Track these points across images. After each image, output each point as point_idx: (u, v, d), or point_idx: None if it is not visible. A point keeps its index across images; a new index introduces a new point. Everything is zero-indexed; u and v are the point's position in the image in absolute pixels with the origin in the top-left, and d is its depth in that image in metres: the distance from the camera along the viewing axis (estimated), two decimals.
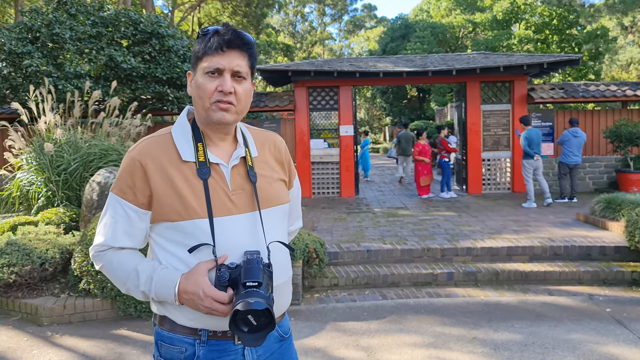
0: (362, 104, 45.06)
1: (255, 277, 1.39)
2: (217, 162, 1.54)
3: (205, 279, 1.43)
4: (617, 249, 6.53)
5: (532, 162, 9.89)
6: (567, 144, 10.25)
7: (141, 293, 1.51)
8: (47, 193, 7.56)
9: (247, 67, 1.52)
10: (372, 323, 4.99)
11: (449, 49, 30.66)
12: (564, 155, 10.33)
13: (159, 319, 1.57)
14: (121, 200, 1.51)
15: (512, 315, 5.08)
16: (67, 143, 7.66)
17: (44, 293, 5.31)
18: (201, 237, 1.47)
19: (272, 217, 1.59)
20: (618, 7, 14.05)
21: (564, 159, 10.34)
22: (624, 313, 5.07)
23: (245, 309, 1.32)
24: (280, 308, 1.62)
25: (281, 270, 1.58)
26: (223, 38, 1.48)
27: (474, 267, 6.36)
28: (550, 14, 25.15)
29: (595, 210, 8.00)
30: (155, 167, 1.50)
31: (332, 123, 12.35)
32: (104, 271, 1.57)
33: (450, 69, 11.48)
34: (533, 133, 9.82)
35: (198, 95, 1.51)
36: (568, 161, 10.32)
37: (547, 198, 10.02)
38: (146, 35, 10.99)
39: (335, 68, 11.66)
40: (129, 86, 10.90)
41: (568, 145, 10.25)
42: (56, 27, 9.99)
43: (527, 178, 10.00)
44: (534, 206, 9.81)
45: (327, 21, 55.27)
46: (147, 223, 1.54)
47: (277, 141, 1.73)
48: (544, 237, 7.04)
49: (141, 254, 1.58)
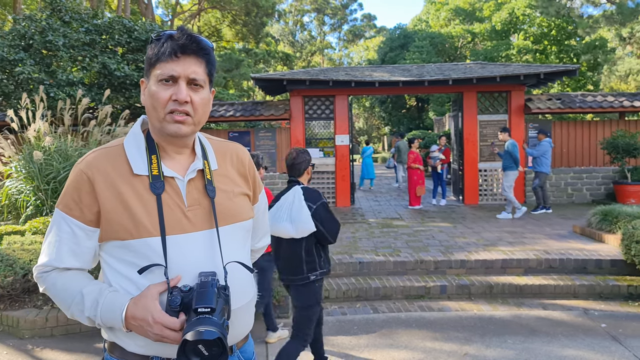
0: (361, 113, 45.09)
1: (208, 302, 1.28)
2: (172, 176, 1.43)
3: (156, 303, 1.32)
4: (614, 262, 6.42)
5: (516, 172, 9.82)
6: (547, 154, 10.19)
7: (87, 319, 1.39)
8: (35, 202, 7.45)
9: (204, 74, 1.42)
10: (362, 338, 4.87)
11: (447, 59, 30.67)
12: (544, 165, 10.25)
13: (109, 346, 1.46)
14: (67, 217, 1.40)
15: (506, 330, 4.96)
16: (57, 151, 7.57)
17: (26, 305, 5.19)
18: (152, 257, 1.36)
19: (232, 235, 1.48)
20: (616, 18, 14.02)
21: (545, 169, 10.26)
22: (620, 329, 4.95)
23: (194, 339, 1.21)
24: (240, 332, 1.51)
25: (240, 292, 1.46)
26: (177, 43, 1.37)
27: (468, 280, 6.24)
28: (549, 24, 25.17)
29: (591, 222, 7.90)
30: (104, 181, 1.39)
31: (328, 132, 12.28)
32: (48, 294, 1.45)
33: (446, 78, 11.41)
34: (516, 144, 9.79)
35: (151, 105, 1.40)
36: (548, 171, 10.30)
37: (508, 213, 9.96)
38: (141, 43, 10.93)
39: (331, 77, 11.60)
40: (122, 94, 10.83)
41: (547, 156, 10.19)
42: (49, 34, 9.93)
43: (509, 189, 9.89)
44: (510, 217, 9.73)
45: (327, 30, 55.42)
46: (95, 241, 1.42)
47: (239, 152, 1.62)
48: (540, 250, 6.92)
49: (89, 276, 1.47)
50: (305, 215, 3.42)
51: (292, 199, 3.50)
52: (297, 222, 3.42)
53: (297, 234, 3.45)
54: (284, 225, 3.45)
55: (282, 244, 3.59)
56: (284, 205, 3.52)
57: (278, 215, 3.50)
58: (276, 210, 3.53)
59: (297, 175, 3.67)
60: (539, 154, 10.21)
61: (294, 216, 3.43)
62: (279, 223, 3.47)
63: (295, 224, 3.42)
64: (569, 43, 25.25)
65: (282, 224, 3.45)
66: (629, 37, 19.37)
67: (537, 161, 10.28)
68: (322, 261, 3.59)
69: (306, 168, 3.68)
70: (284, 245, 3.57)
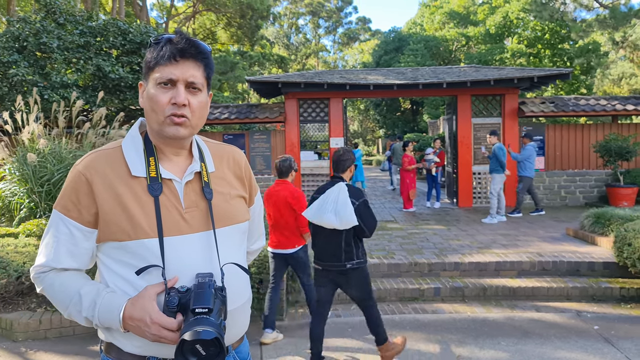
0: (355, 116, 45.15)
1: (206, 303, 1.29)
2: (169, 178, 1.45)
3: (153, 304, 1.33)
4: (606, 265, 6.47)
5: (503, 176, 9.86)
6: (531, 158, 10.24)
7: (84, 319, 1.40)
8: (29, 204, 7.42)
9: (202, 78, 1.43)
10: (356, 340, 4.88)
11: (442, 62, 30.78)
12: (528, 169, 10.30)
13: (106, 346, 1.47)
14: (65, 218, 1.42)
15: (499, 332, 4.99)
16: (51, 153, 7.55)
17: (20, 307, 5.17)
18: (150, 258, 1.37)
19: (228, 236, 1.50)
20: (609, 22, 14.13)
21: (529, 173, 10.32)
22: (612, 331, 4.99)
23: (192, 339, 1.22)
24: (236, 333, 1.53)
25: (236, 293, 1.48)
26: (176, 47, 1.39)
27: (462, 282, 6.27)
28: (543, 28, 25.32)
29: (584, 224, 7.95)
30: (102, 182, 1.40)
31: (323, 135, 12.30)
32: (45, 294, 1.46)
33: (440, 81, 11.46)
34: (503, 147, 9.84)
35: (150, 108, 1.42)
36: (532, 175, 10.37)
37: (502, 216, 10.00)
38: (135, 45, 10.94)
39: (326, 80, 11.63)
40: (117, 96, 10.82)
41: (531, 160, 10.25)
42: (44, 36, 9.92)
43: (495, 193, 9.93)
44: (495, 222, 9.76)
45: (322, 33, 55.51)
46: (92, 242, 1.44)
47: (236, 155, 1.64)
48: (533, 252, 6.97)
49: (86, 276, 1.48)
50: (349, 210, 3.76)
51: (338, 193, 3.82)
52: (341, 216, 3.75)
53: (341, 225, 3.79)
54: (330, 217, 3.79)
55: (322, 233, 3.97)
56: (329, 198, 3.83)
57: (324, 207, 3.83)
58: (321, 203, 3.86)
59: (341, 172, 4.03)
60: (523, 158, 10.24)
61: (338, 210, 3.76)
62: (324, 214, 3.81)
63: (340, 217, 3.75)
64: (563, 47, 25.42)
65: (328, 215, 3.79)
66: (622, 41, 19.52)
67: (521, 165, 10.33)
68: (359, 252, 3.97)
69: (349, 166, 4.03)
70: (324, 234, 3.95)
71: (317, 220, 3.89)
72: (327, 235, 3.92)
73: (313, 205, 3.93)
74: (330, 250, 3.94)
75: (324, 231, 3.94)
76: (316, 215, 3.88)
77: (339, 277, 3.99)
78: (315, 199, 3.97)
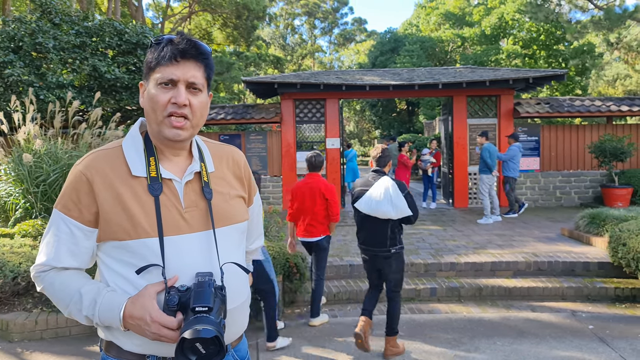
0: (351, 117, 45.15)
1: (206, 302, 1.31)
2: (169, 178, 1.46)
3: (153, 302, 1.34)
4: (601, 265, 6.50)
5: (491, 177, 9.89)
6: (515, 159, 10.25)
7: (84, 318, 1.41)
8: (25, 204, 7.40)
9: (202, 79, 1.45)
10: (352, 340, 4.89)
11: (438, 63, 30.83)
12: (512, 170, 10.29)
13: (106, 345, 1.48)
14: (65, 217, 1.42)
15: (495, 332, 5.01)
16: (47, 154, 7.52)
17: (16, 308, 5.16)
18: (150, 257, 1.38)
19: (228, 236, 1.51)
20: (604, 24, 14.20)
21: (513, 173, 10.31)
22: (607, 330, 5.02)
23: (192, 337, 1.23)
24: (235, 332, 1.54)
25: (236, 292, 1.49)
26: (177, 47, 1.41)
27: (458, 282, 6.30)
28: (538, 29, 25.40)
29: (579, 225, 7.99)
30: (102, 182, 1.41)
31: (319, 136, 12.31)
32: (46, 293, 1.47)
33: (436, 82, 11.50)
34: (493, 148, 9.85)
35: (150, 108, 1.43)
36: (516, 175, 10.38)
37: (497, 215, 10.03)
38: (131, 45, 10.92)
39: (322, 81, 11.64)
40: (113, 97, 10.80)
41: (515, 161, 10.27)
42: (39, 37, 9.90)
43: (484, 193, 9.97)
44: (490, 222, 9.79)
45: (317, 34, 55.51)
46: (93, 241, 1.44)
47: (235, 155, 1.65)
48: (528, 252, 7.00)
49: (87, 275, 1.49)
50: (404, 202, 4.25)
51: (389, 187, 4.26)
52: (397, 207, 4.23)
53: (396, 215, 4.26)
54: (387, 208, 4.23)
55: (368, 222, 4.41)
56: (381, 191, 4.27)
57: (377, 199, 4.25)
58: (372, 194, 4.29)
59: (383, 166, 4.53)
60: (507, 158, 10.24)
61: (394, 202, 4.22)
62: (380, 206, 4.24)
63: (396, 208, 4.23)
64: (558, 48, 25.50)
65: (385, 207, 4.23)
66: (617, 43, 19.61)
67: (505, 166, 10.35)
68: (400, 238, 4.45)
69: (389, 161, 4.56)
70: (371, 223, 4.39)
71: (373, 211, 4.29)
72: (375, 224, 4.36)
73: (364, 198, 4.33)
74: (378, 238, 4.37)
75: (372, 221, 4.36)
76: (370, 207, 4.29)
77: (384, 262, 4.42)
78: (363, 192, 4.39)
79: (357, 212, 4.50)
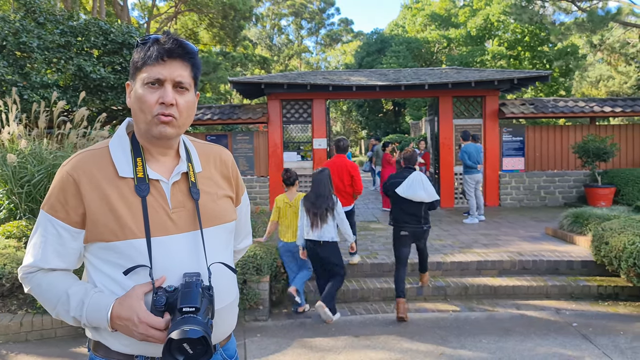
0: (338, 117, 45.22)
1: (193, 302, 1.31)
2: (156, 179, 1.46)
3: (141, 303, 1.35)
4: (584, 264, 6.59)
5: (474, 177, 9.97)
6: (470, 158, 10.27)
7: (72, 319, 1.41)
8: (9, 205, 7.32)
9: (189, 78, 1.45)
10: (339, 339, 4.91)
11: (424, 64, 30.98)
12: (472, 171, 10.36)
13: (94, 345, 1.48)
14: (52, 219, 1.42)
15: (481, 331, 5.06)
16: (32, 154, 7.45)
17: (0, 310, 5.11)
18: (137, 258, 1.39)
19: (215, 236, 1.51)
20: (587, 25, 14.36)
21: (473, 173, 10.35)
22: (590, 327, 5.09)
23: (179, 337, 1.24)
24: (223, 332, 1.55)
25: (223, 292, 1.50)
26: (163, 47, 1.41)
27: (444, 281, 6.35)
28: (522, 31, 25.63)
29: (563, 224, 8.09)
30: (89, 183, 1.41)
31: (306, 136, 12.32)
32: (33, 294, 1.47)
33: (422, 83, 11.56)
34: (472, 148, 9.92)
35: (138, 108, 1.43)
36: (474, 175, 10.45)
37: (481, 215, 10.11)
38: (117, 45, 10.85)
39: (309, 81, 11.65)
40: (98, 97, 10.72)
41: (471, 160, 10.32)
42: (23, 36, 9.79)
43: (470, 193, 10.06)
44: (476, 221, 9.88)
45: (304, 34, 55.51)
46: (80, 242, 1.44)
47: (223, 155, 1.66)
48: (513, 252, 7.07)
49: (74, 276, 1.49)
50: (433, 189, 5.68)
51: (422, 178, 5.64)
52: (429, 192, 5.60)
53: (428, 199, 5.60)
54: (421, 193, 5.56)
55: (407, 206, 5.64)
56: (416, 181, 5.59)
57: (414, 186, 5.57)
58: (409, 184, 5.59)
59: (413, 164, 5.94)
60: (461, 158, 10.33)
61: (427, 188, 5.60)
62: (417, 191, 5.56)
63: (428, 193, 5.59)
64: (542, 49, 25.76)
65: (420, 192, 5.56)
66: (600, 44, 19.84)
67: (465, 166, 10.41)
68: (429, 218, 5.80)
69: (416, 161, 6.03)
70: (410, 207, 5.64)
71: (410, 195, 5.56)
72: (412, 207, 5.63)
73: (403, 185, 5.59)
74: (414, 218, 5.65)
75: (409, 205, 5.62)
76: (409, 192, 5.56)
77: (418, 236, 5.75)
78: (399, 182, 5.65)
79: (394, 197, 5.69)
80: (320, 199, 5.42)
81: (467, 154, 9.87)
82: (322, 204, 5.40)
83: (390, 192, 5.71)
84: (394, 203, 5.72)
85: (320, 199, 5.42)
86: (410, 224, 5.65)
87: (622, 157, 12.39)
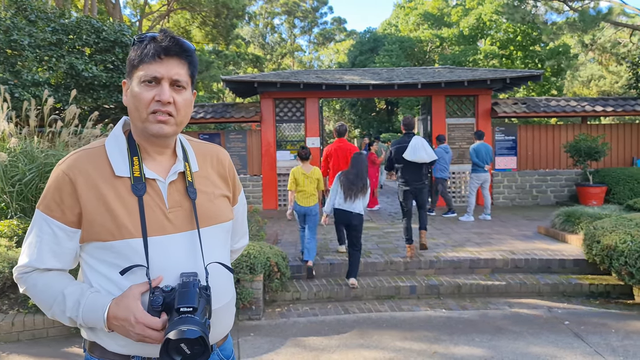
0: (331, 116, 45.19)
1: (190, 302, 1.31)
2: (153, 178, 1.45)
3: (138, 303, 1.34)
4: (576, 262, 6.64)
5: (481, 176, 10.02)
6: (441, 160, 10.42)
7: (68, 319, 1.40)
8: (0, 204, 7.26)
9: (186, 76, 1.44)
10: (333, 338, 4.92)
11: (417, 63, 31.01)
12: (440, 171, 10.57)
13: (89, 345, 1.47)
14: (48, 218, 1.41)
15: (473, 329, 5.08)
16: (23, 153, 7.39)
17: None
18: (134, 258, 1.38)
19: (212, 236, 1.51)
20: (579, 25, 14.43)
21: (441, 174, 10.60)
22: (582, 326, 5.13)
23: (177, 338, 1.23)
24: (220, 332, 1.54)
25: (221, 292, 1.50)
26: (160, 45, 1.40)
27: (437, 280, 6.37)
28: (515, 30, 25.72)
29: (555, 223, 8.14)
30: (85, 182, 1.40)
31: (299, 135, 12.32)
32: (29, 294, 1.46)
33: (415, 82, 11.58)
34: (482, 148, 9.97)
35: (134, 106, 1.42)
36: (445, 176, 10.65)
37: (487, 214, 10.17)
38: (109, 43, 10.79)
39: (302, 80, 11.64)
40: (90, 95, 10.65)
41: (443, 162, 10.48)
42: (14, 34, 9.70)
43: (472, 192, 10.12)
44: (471, 220, 9.93)
45: (297, 33, 55.41)
46: (76, 242, 1.43)
47: (220, 155, 1.65)
48: (506, 250, 7.11)
49: (70, 276, 1.48)
50: (432, 150, 6.89)
51: (422, 141, 6.82)
52: (429, 153, 6.81)
53: (429, 159, 6.81)
54: (423, 155, 6.75)
55: (411, 167, 6.86)
56: (418, 145, 6.77)
57: (417, 149, 6.73)
58: (414, 147, 6.75)
59: (411, 129, 7.11)
60: None
61: (427, 150, 6.80)
62: (419, 153, 6.74)
63: (429, 154, 6.80)
64: (534, 49, 25.86)
65: (422, 154, 6.73)
66: (591, 44, 19.95)
67: (434, 167, 10.49)
68: (429, 176, 6.49)
69: (414, 125, 6.78)
70: (413, 167, 6.87)
71: (415, 157, 6.73)
72: (414, 167, 6.85)
73: (408, 151, 6.74)
74: (416, 176, 6.89)
75: (412, 165, 6.82)
76: (413, 155, 6.73)
77: (418, 191, 6.95)
78: (404, 147, 6.83)
79: (401, 160, 6.84)
80: (359, 178, 6.19)
81: (476, 152, 9.91)
82: (359, 182, 6.17)
83: (398, 155, 6.85)
84: (402, 166, 6.90)
85: (359, 178, 6.19)
86: (414, 181, 6.89)
87: (613, 156, 12.49)
